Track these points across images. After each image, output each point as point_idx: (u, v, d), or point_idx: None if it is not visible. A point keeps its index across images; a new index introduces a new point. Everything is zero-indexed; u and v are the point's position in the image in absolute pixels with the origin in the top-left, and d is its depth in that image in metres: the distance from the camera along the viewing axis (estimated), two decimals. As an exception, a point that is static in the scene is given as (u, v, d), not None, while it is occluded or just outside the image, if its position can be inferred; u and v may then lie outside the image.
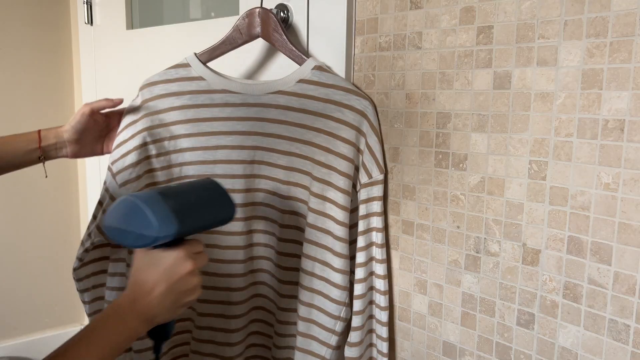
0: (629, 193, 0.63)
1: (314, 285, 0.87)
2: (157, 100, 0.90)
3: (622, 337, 0.65)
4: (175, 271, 0.61)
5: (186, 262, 0.62)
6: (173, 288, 0.61)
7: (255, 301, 0.95)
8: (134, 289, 0.61)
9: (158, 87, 0.90)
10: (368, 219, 0.85)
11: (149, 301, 0.60)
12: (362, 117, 0.83)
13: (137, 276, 0.62)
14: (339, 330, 0.86)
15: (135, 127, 0.90)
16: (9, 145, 0.82)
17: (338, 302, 0.85)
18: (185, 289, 0.63)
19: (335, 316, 0.86)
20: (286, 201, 0.89)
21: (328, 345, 0.87)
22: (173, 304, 0.62)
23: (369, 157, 0.84)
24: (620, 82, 0.63)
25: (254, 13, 0.89)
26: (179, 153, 0.90)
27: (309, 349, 0.88)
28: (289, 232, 0.90)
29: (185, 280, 0.62)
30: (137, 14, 1.38)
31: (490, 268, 0.77)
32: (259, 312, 0.96)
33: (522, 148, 0.72)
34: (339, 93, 0.84)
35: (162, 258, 0.62)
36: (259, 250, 0.93)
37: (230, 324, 0.93)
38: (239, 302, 0.92)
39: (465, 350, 0.81)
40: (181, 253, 0.62)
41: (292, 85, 0.86)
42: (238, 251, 0.91)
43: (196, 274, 0.64)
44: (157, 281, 0.61)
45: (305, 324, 0.88)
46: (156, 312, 0.61)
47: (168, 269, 0.61)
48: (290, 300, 0.92)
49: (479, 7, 0.74)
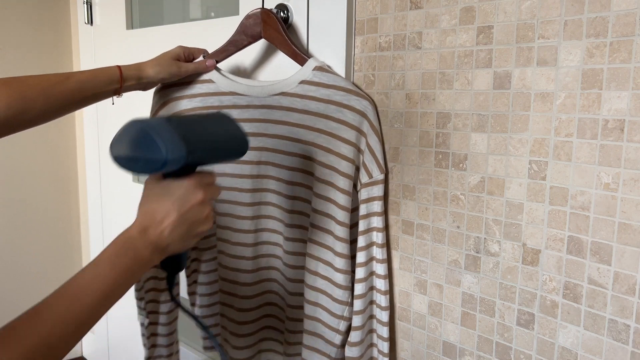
0: (629, 193, 0.63)
1: (318, 284, 0.88)
2: (173, 103, 0.93)
3: (622, 337, 0.65)
4: (187, 200, 0.60)
5: (197, 191, 0.61)
6: (185, 217, 0.60)
7: (265, 298, 0.97)
8: (145, 218, 0.60)
9: (172, 90, 0.94)
10: (368, 219, 0.85)
11: (161, 230, 0.59)
12: (362, 117, 0.83)
13: (148, 205, 0.61)
14: (342, 330, 0.87)
15: None
16: (88, 85, 0.80)
17: (341, 302, 0.86)
18: (196, 219, 0.61)
19: (339, 315, 0.87)
20: (291, 201, 0.90)
21: (333, 344, 0.88)
22: (185, 234, 0.61)
23: (369, 157, 0.84)
24: (620, 82, 0.63)
25: (256, 14, 0.90)
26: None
27: (315, 346, 0.90)
28: (295, 231, 0.91)
29: (196, 209, 0.61)
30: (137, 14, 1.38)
31: (490, 268, 0.77)
32: (270, 307, 0.98)
33: (522, 148, 0.72)
34: (339, 94, 0.84)
35: (172, 187, 0.60)
36: (267, 248, 0.95)
37: (238, 317, 0.96)
38: (247, 297, 0.95)
39: (465, 350, 0.81)
40: (192, 182, 0.61)
41: (294, 86, 0.87)
42: (246, 248, 0.93)
43: (207, 204, 0.62)
44: (168, 210, 0.59)
45: (311, 323, 0.90)
46: (168, 242, 0.60)
47: (180, 198, 0.60)
48: (298, 298, 0.94)
49: (479, 7, 0.74)
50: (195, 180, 0.61)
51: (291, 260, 0.92)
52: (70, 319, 0.53)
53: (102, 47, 1.44)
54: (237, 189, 0.92)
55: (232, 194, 0.92)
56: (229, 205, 0.93)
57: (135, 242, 0.59)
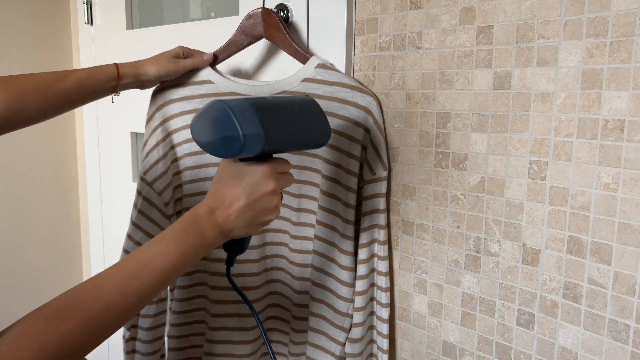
0: (629, 193, 0.63)
1: (323, 281, 0.88)
2: (171, 105, 0.92)
3: (622, 337, 0.65)
4: (258, 188, 0.60)
5: (270, 180, 0.61)
6: (253, 205, 0.60)
7: (271, 299, 0.97)
8: (214, 200, 0.60)
9: (170, 91, 0.92)
10: (371, 216, 0.85)
11: (228, 214, 0.60)
12: (366, 114, 0.83)
13: (219, 187, 0.61)
14: (347, 327, 0.87)
15: (157, 135, 0.92)
16: (86, 84, 0.81)
17: (346, 299, 0.86)
18: (264, 208, 0.61)
19: (344, 313, 0.87)
20: (297, 199, 0.90)
21: (337, 342, 0.88)
22: (251, 220, 0.61)
23: (372, 153, 0.84)
24: (620, 82, 0.63)
25: (256, 13, 0.90)
26: (190, 157, 0.92)
27: (319, 344, 0.90)
28: (302, 229, 0.91)
29: (266, 198, 0.61)
30: (137, 14, 1.38)
31: (490, 268, 0.77)
32: (275, 309, 0.97)
33: (522, 148, 0.72)
34: (343, 90, 0.84)
35: (246, 173, 0.60)
36: (272, 249, 0.94)
37: (245, 323, 0.94)
38: (254, 301, 0.94)
39: (465, 350, 0.81)
40: (266, 170, 0.60)
41: (296, 84, 0.87)
42: (252, 250, 0.92)
43: (277, 194, 0.62)
44: (238, 195, 0.60)
45: (316, 320, 0.90)
46: (233, 227, 0.61)
47: (251, 184, 0.60)
48: (305, 296, 0.93)
49: (479, 7, 0.74)
50: (270, 168, 0.61)
51: (298, 258, 0.92)
52: (132, 290, 0.54)
53: (102, 47, 1.44)
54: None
55: None
56: None
57: (202, 222, 0.59)
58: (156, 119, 0.92)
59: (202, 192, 0.93)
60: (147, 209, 0.91)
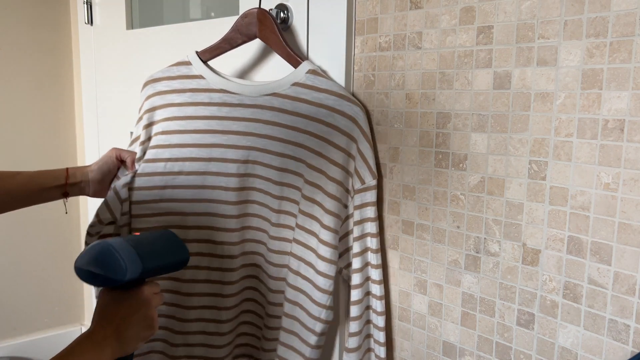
0: (629, 193, 0.63)
1: (298, 284, 0.88)
2: (159, 96, 0.93)
3: (622, 337, 0.65)
4: (139, 308, 0.69)
5: (147, 300, 0.70)
6: (137, 322, 0.69)
7: (246, 293, 0.97)
8: (105, 321, 0.68)
9: (161, 83, 0.93)
10: (362, 225, 0.85)
11: (119, 333, 0.67)
12: (353, 123, 0.83)
13: (106, 311, 0.69)
14: (318, 331, 0.87)
15: (140, 124, 0.94)
16: (35, 181, 0.86)
17: (319, 304, 0.86)
18: (146, 324, 0.70)
19: (315, 317, 0.86)
20: (278, 201, 0.90)
21: (307, 344, 0.88)
22: (137, 335, 0.69)
23: (361, 163, 0.84)
24: (620, 82, 0.63)
25: (252, 13, 0.90)
26: (173, 148, 0.92)
27: (291, 344, 0.90)
28: (281, 230, 0.91)
29: (146, 316, 0.69)
30: (137, 14, 1.38)
31: (490, 268, 0.77)
32: (250, 303, 0.98)
33: (522, 148, 0.72)
34: (331, 98, 0.84)
35: (127, 297, 0.69)
36: (251, 246, 0.94)
37: (221, 315, 0.95)
38: (231, 295, 0.94)
39: (465, 350, 0.81)
40: (144, 292, 0.70)
41: (286, 88, 0.87)
42: (231, 247, 0.92)
43: (154, 311, 0.71)
44: (124, 316, 0.68)
45: (289, 320, 0.90)
46: (123, 343, 0.68)
47: (133, 305, 0.69)
48: (279, 295, 0.94)
49: (479, 7, 0.74)
50: (146, 290, 0.71)
51: (275, 258, 0.92)
52: None
53: (102, 47, 1.44)
54: (222, 188, 0.90)
55: (216, 192, 0.91)
56: (212, 204, 0.92)
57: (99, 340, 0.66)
58: (144, 107, 0.94)
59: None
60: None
